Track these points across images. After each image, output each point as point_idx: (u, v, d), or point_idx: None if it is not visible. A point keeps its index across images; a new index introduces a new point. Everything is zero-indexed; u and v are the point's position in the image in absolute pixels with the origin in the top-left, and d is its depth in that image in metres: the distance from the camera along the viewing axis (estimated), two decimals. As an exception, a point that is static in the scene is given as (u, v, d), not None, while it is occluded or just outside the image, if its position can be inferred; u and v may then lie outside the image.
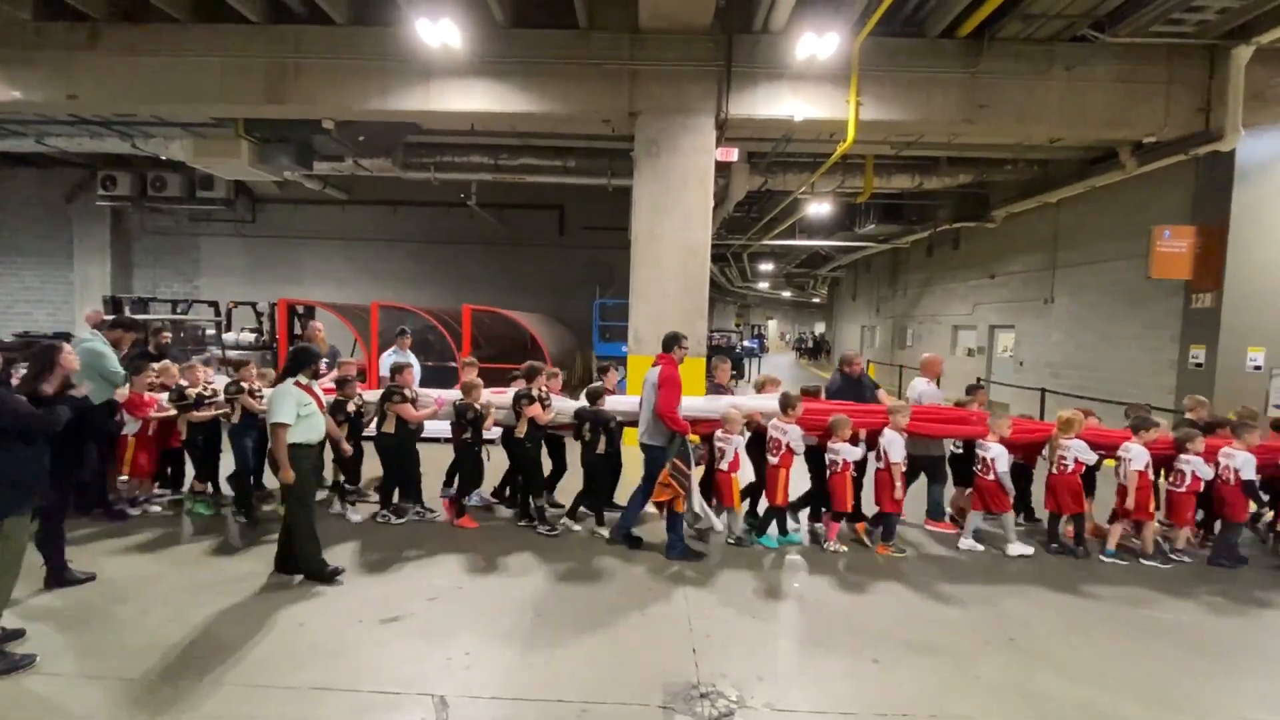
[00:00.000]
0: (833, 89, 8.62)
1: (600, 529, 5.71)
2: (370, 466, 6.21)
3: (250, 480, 5.91)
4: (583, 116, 9.24)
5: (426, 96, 8.87)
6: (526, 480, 5.97)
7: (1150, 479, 5.46)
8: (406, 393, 5.79)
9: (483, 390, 5.91)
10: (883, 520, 5.63)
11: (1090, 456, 5.54)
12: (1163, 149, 9.01)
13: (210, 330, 13.79)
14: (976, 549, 5.59)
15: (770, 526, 5.65)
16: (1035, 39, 8.46)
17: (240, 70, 8.83)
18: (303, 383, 4.58)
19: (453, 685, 3.35)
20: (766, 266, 29.68)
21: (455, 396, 5.93)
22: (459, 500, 5.90)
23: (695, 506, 5.27)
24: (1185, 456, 5.50)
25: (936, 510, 6.17)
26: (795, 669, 3.67)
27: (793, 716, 3.22)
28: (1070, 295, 12.63)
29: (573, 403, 6.07)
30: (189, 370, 6.04)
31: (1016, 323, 14.69)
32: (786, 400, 5.52)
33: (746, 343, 31.36)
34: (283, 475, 4.40)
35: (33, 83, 8.91)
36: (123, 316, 7.84)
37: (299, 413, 4.44)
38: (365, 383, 7.35)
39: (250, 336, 12.76)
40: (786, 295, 42.43)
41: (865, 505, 5.86)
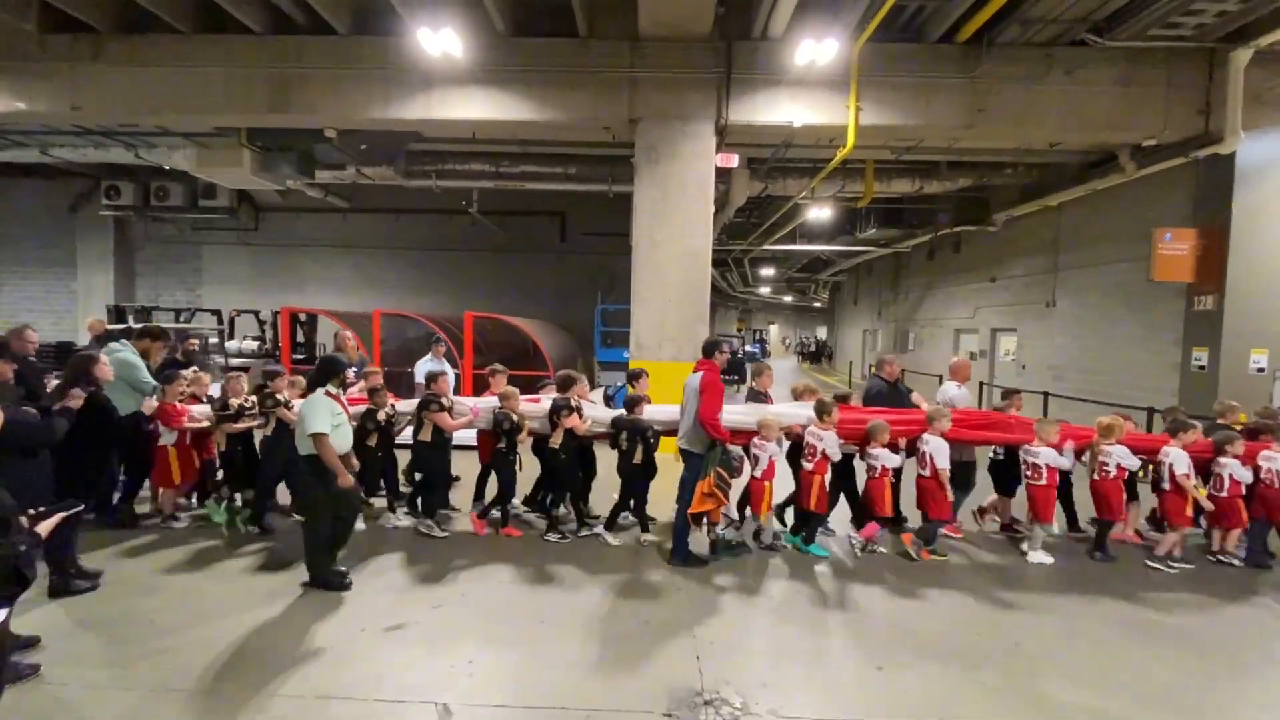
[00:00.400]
0: (832, 94, 8.65)
1: (647, 537, 5.61)
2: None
3: (273, 492, 5.88)
4: (583, 124, 9.27)
5: (428, 105, 8.93)
6: (562, 489, 5.85)
7: (1192, 482, 5.43)
8: (443, 401, 5.70)
9: (520, 399, 5.83)
10: (926, 526, 5.59)
11: (1133, 462, 5.49)
12: (1163, 152, 9.02)
13: (213, 339, 13.83)
14: (1046, 561, 5.45)
15: (814, 534, 5.59)
16: (1034, 43, 8.49)
17: (243, 80, 8.90)
18: (332, 392, 4.59)
19: (456, 693, 3.34)
20: (768, 271, 29.67)
21: (489, 404, 5.85)
22: (502, 508, 5.79)
23: (730, 512, 5.23)
24: (1223, 460, 5.46)
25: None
26: (799, 675, 3.65)
27: (797, 723, 3.21)
28: (1072, 298, 12.61)
29: (608, 411, 5.99)
30: (232, 381, 5.91)
31: (1018, 326, 14.67)
32: (822, 407, 5.50)
33: (749, 347, 31.37)
34: (341, 481, 4.42)
35: (37, 94, 8.99)
36: (151, 325, 7.39)
37: (332, 422, 4.44)
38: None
39: (253, 345, 12.80)
40: (788, 300, 42.39)
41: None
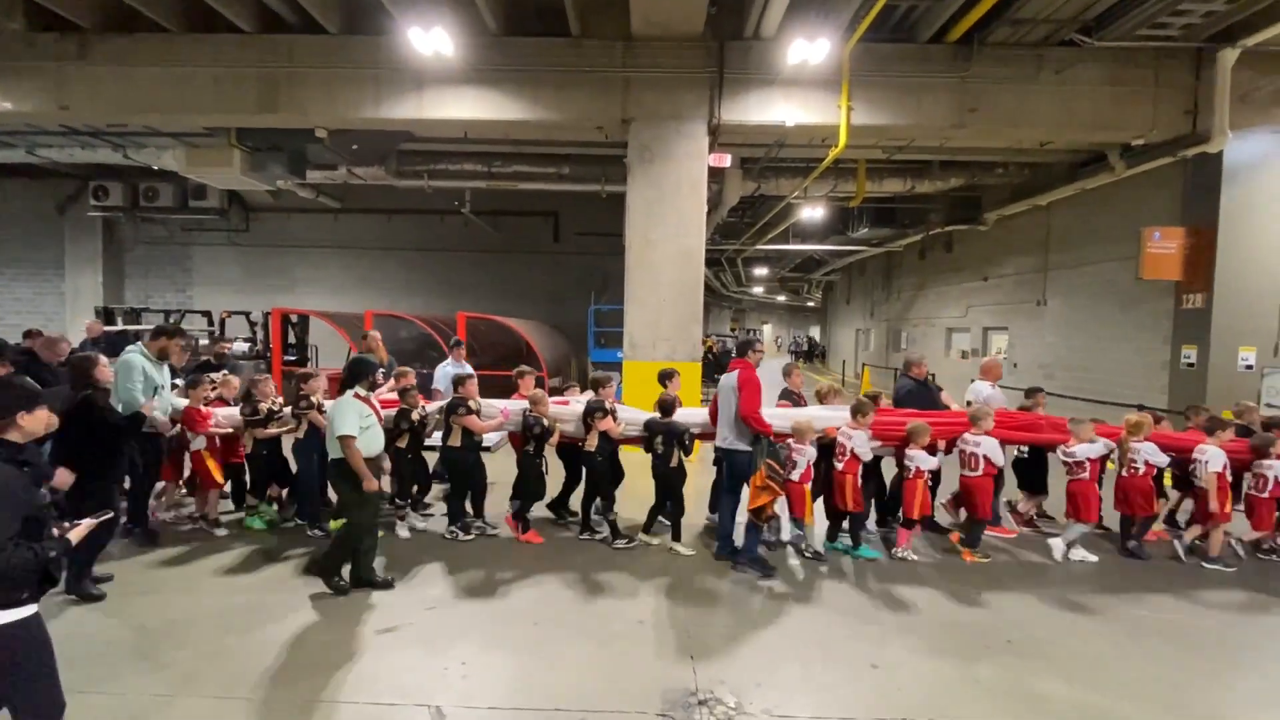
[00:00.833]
0: (824, 94, 8.66)
1: (677, 545, 5.54)
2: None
3: (319, 495, 5.83)
4: (576, 124, 9.24)
5: (419, 105, 8.88)
6: (595, 493, 5.80)
7: (1229, 481, 5.44)
8: (471, 404, 5.62)
9: (549, 402, 5.77)
10: (972, 527, 5.59)
11: (1162, 459, 5.46)
12: (1151, 151, 9.08)
13: (204, 340, 13.73)
14: (1090, 559, 5.47)
15: (859, 536, 5.58)
16: (1024, 43, 8.53)
17: (233, 80, 8.82)
18: (361, 394, 4.55)
19: (450, 695, 3.33)
20: (761, 271, 29.73)
21: (519, 407, 5.78)
22: (522, 515, 5.77)
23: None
24: (1267, 461, 5.45)
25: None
26: (794, 675, 3.66)
27: (792, 722, 3.21)
28: (1062, 297, 12.70)
29: (641, 413, 5.91)
30: (260, 384, 5.84)
31: (1010, 324, 14.76)
32: (858, 406, 5.51)
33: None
34: (367, 485, 4.39)
35: (23, 93, 8.88)
36: (163, 324, 7.05)
37: (361, 424, 4.40)
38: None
39: (244, 346, 12.70)
40: (781, 299, 42.51)
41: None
